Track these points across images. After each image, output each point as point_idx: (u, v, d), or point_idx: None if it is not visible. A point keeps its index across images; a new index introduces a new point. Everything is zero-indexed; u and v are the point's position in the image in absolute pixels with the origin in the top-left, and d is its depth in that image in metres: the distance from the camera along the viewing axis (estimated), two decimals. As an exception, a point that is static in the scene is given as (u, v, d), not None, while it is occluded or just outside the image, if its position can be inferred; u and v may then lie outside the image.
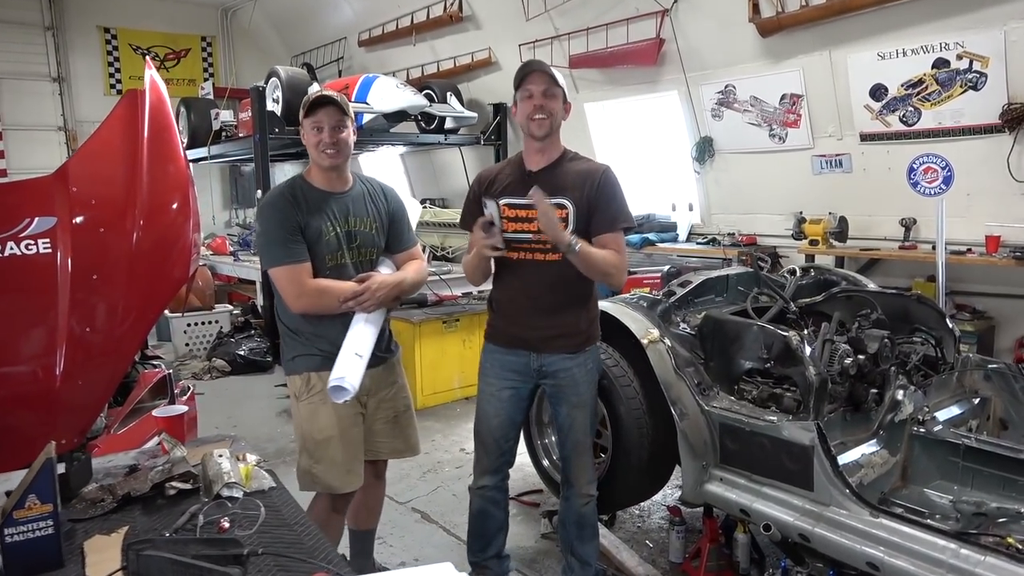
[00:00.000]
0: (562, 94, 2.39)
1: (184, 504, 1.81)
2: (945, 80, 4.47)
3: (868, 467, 2.53)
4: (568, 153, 2.50)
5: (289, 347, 2.45)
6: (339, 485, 2.43)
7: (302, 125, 2.38)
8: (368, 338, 2.34)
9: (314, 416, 2.39)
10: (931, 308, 3.14)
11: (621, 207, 2.44)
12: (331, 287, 2.31)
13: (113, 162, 2.84)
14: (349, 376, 2.20)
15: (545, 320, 2.45)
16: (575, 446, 2.55)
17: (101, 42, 9.38)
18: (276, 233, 2.31)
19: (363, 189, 2.50)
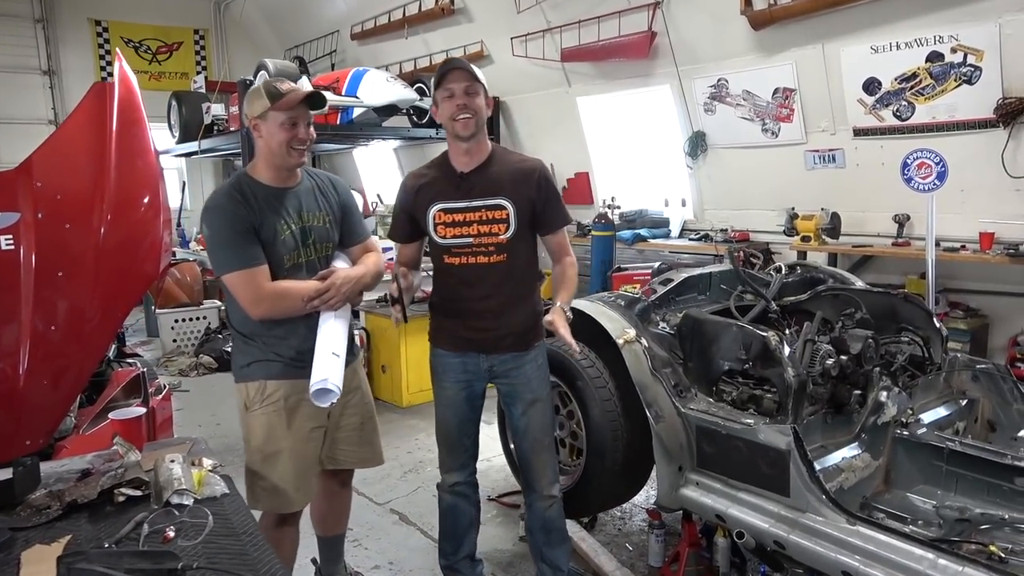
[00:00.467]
0: (483, 90, 2.30)
1: (132, 512, 1.76)
2: (939, 74, 4.39)
3: (849, 471, 2.47)
4: (496, 149, 2.44)
5: (243, 353, 2.30)
6: (283, 505, 2.30)
7: (263, 117, 2.19)
8: (341, 335, 2.24)
9: (267, 428, 2.25)
10: (918, 307, 3.07)
11: (562, 205, 2.47)
12: (292, 288, 2.19)
13: (80, 156, 2.78)
14: (332, 377, 2.10)
15: (493, 321, 2.40)
16: (533, 445, 2.49)
17: (92, 35, 9.32)
18: (227, 236, 2.15)
19: (312, 183, 2.36)
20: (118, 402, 3.18)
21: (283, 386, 2.24)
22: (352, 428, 2.45)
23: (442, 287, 2.49)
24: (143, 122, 2.93)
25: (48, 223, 2.61)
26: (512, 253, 2.37)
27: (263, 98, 2.17)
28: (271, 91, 2.17)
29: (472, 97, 2.26)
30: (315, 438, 2.34)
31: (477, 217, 2.34)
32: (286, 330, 2.24)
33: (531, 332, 2.45)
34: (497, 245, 2.35)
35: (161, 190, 2.91)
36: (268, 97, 2.16)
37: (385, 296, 5.35)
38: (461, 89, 2.25)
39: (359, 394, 2.48)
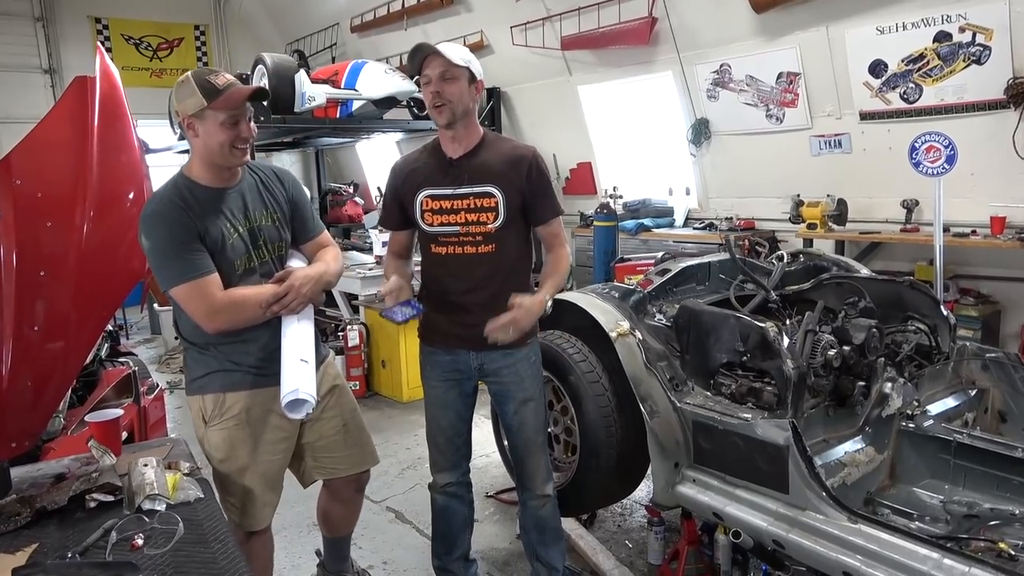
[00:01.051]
0: (467, 74, 2.17)
1: (103, 518, 1.70)
2: (947, 55, 4.27)
3: (852, 466, 2.38)
4: (488, 135, 2.33)
5: (197, 364, 2.12)
6: (249, 523, 2.17)
7: (199, 116, 1.98)
8: (308, 339, 2.09)
9: (228, 443, 2.10)
10: (925, 295, 2.97)
11: (553, 195, 2.37)
12: (248, 295, 2.01)
13: (60, 152, 2.71)
14: (303, 385, 1.95)
15: (482, 316, 2.24)
16: (526, 445, 2.41)
17: (92, 33, 9.28)
18: (169, 246, 1.97)
19: (254, 179, 2.17)
20: (109, 402, 3.14)
21: (243, 398, 2.09)
22: (334, 433, 2.30)
23: (429, 279, 2.40)
24: (126, 117, 2.86)
25: (28, 222, 2.55)
26: (501, 243, 2.27)
27: (196, 94, 1.96)
28: (205, 86, 1.96)
29: (448, 83, 2.14)
30: (282, 450, 2.20)
31: (465, 205, 2.24)
32: (243, 336, 2.07)
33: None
34: (485, 235, 2.25)
35: (146, 186, 2.86)
36: (203, 93, 1.96)
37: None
38: (436, 75, 2.14)
39: (335, 395, 2.32)
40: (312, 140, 8.00)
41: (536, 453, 2.42)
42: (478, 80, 2.22)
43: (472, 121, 2.26)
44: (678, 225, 6.06)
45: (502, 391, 2.39)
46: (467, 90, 2.19)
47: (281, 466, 2.24)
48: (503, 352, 2.31)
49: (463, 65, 2.16)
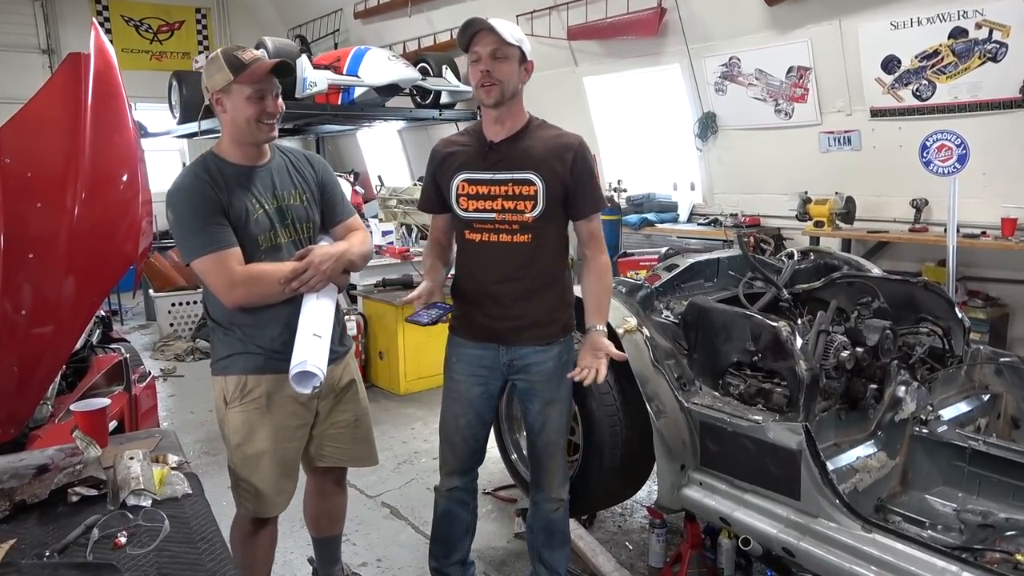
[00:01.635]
0: (518, 53, 2.06)
1: (86, 513, 1.62)
2: (962, 51, 4.18)
3: (864, 472, 2.31)
4: (534, 120, 2.20)
5: (223, 344, 2.12)
6: (264, 509, 2.18)
7: (226, 90, 1.99)
8: (326, 316, 2.07)
9: (247, 426, 2.10)
10: (939, 296, 2.89)
11: (597, 188, 2.22)
12: (267, 271, 2.01)
13: (52, 131, 2.63)
14: (312, 359, 1.92)
15: (514, 308, 2.18)
16: (547, 447, 2.31)
17: (92, 13, 9.14)
18: (193, 219, 1.98)
19: (284, 160, 2.18)
20: (99, 389, 3.06)
21: (265, 381, 2.08)
22: (345, 425, 2.29)
23: (462, 267, 2.30)
24: (121, 96, 2.78)
25: (17, 203, 2.47)
26: (538, 234, 2.15)
27: (224, 69, 1.98)
28: (232, 61, 1.98)
29: (500, 63, 2.03)
30: (299, 437, 2.19)
31: (503, 191, 2.13)
32: (266, 317, 2.07)
33: (555, 325, 2.24)
34: (522, 224, 2.13)
35: (140, 169, 2.77)
36: (230, 68, 1.97)
37: (382, 281, 5.22)
38: (488, 53, 2.03)
39: (353, 389, 2.31)
40: (313, 127, 7.90)
41: (555, 455, 2.32)
42: (528, 61, 2.11)
43: (518, 103, 2.15)
44: (682, 220, 5.98)
45: (528, 389, 2.27)
46: (517, 70, 2.08)
47: (297, 453, 2.22)
48: (534, 348, 2.22)
49: (515, 44, 2.04)
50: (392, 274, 5.34)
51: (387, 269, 5.39)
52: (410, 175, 9.06)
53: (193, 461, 3.64)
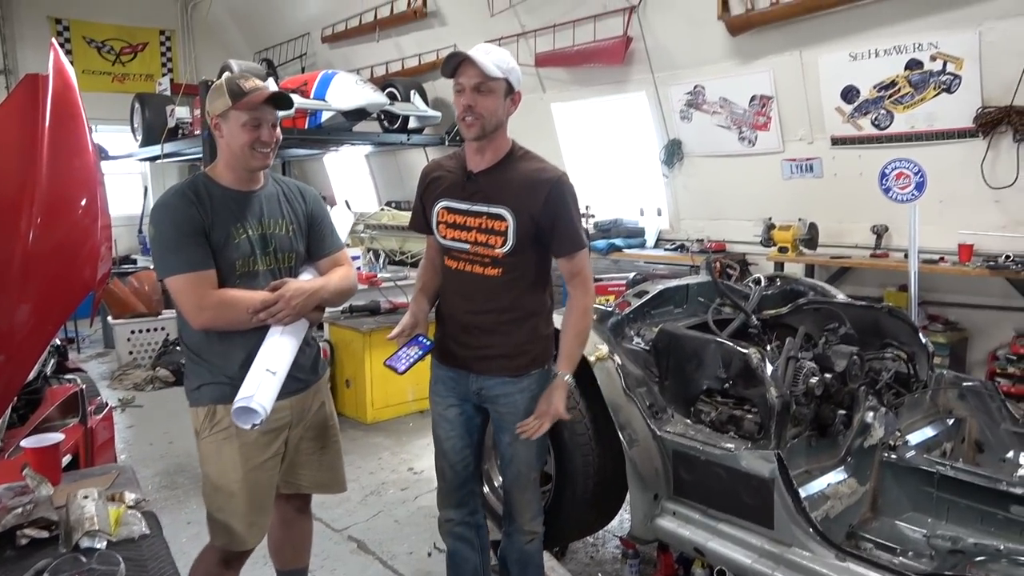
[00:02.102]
0: (504, 86, 2.01)
1: (36, 556, 1.54)
2: (918, 82, 4.31)
3: (835, 498, 2.31)
4: (517, 151, 2.14)
5: (193, 374, 2.11)
6: (236, 543, 2.12)
7: (224, 116, 2.02)
8: (284, 353, 2.04)
9: (218, 456, 2.07)
10: (903, 321, 2.94)
11: (574, 226, 2.13)
12: (238, 297, 2.00)
13: (6, 154, 2.55)
14: (258, 395, 1.90)
15: (482, 339, 2.16)
16: (516, 479, 2.27)
17: (52, 34, 8.98)
18: (172, 237, 1.98)
19: (277, 189, 2.19)
20: (53, 422, 2.95)
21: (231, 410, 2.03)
22: (313, 452, 2.26)
23: (442, 290, 2.29)
24: (81, 118, 2.71)
25: (-33, 227, 2.38)
26: (509, 269, 2.11)
27: (224, 96, 2.01)
28: (233, 89, 2.01)
29: (483, 96, 1.99)
30: (270, 467, 2.15)
31: (477, 224, 2.11)
32: (234, 345, 2.05)
33: (525, 357, 2.18)
34: (492, 258, 2.10)
35: (100, 193, 2.70)
36: (230, 95, 2.00)
37: (348, 307, 5.14)
38: (471, 86, 1.99)
39: (322, 415, 2.28)
40: (279, 151, 7.82)
41: (526, 488, 2.27)
42: (516, 91, 2.07)
43: (501, 135, 2.10)
44: (649, 246, 6.03)
45: (499, 420, 2.23)
46: (502, 103, 2.03)
47: (271, 485, 2.17)
48: (502, 380, 2.17)
49: (501, 77, 1.99)
50: (359, 300, 5.27)
51: (354, 295, 5.31)
52: (377, 200, 9.02)
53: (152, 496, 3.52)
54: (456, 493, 2.32)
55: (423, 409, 5.03)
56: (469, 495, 2.34)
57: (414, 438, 4.59)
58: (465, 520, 2.35)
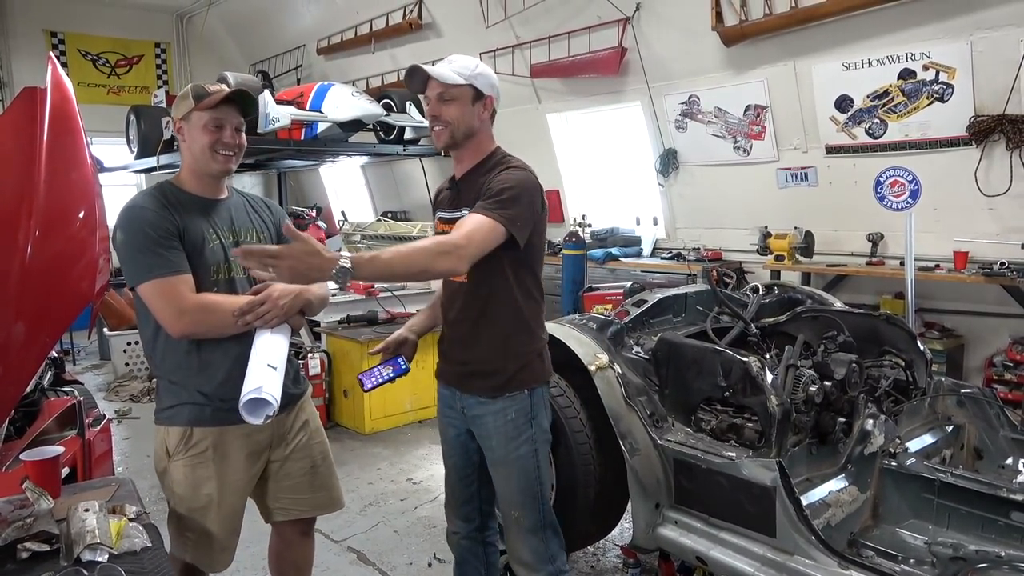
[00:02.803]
0: (470, 92, 1.97)
1: (37, 570, 1.53)
2: (911, 91, 4.35)
3: (836, 506, 2.31)
4: (496, 155, 2.07)
5: (168, 393, 2.02)
6: (207, 564, 2.08)
7: (187, 118, 1.98)
8: (281, 350, 1.94)
9: (191, 480, 1.99)
10: (901, 329, 2.95)
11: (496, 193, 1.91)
12: (220, 301, 1.92)
13: (4, 168, 2.54)
14: (266, 387, 1.80)
15: (460, 352, 2.09)
16: (503, 515, 2.16)
17: (48, 47, 8.98)
18: (144, 240, 1.88)
19: (242, 200, 2.16)
20: (51, 434, 2.93)
21: (211, 433, 1.99)
22: (302, 474, 2.18)
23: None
24: (79, 131, 2.70)
25: (-35, 240, 2.38)
26: (475, 273, 1.95)
27: (188, 98, 2.00)
28: (197, 92, 2.00)
29: (447, 105, 1.97)
30: (242, 489, 2.09)
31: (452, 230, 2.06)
32: (213, 359, 1.96)
33: (498, 376, 2.04)
34: None
35: (98, 205, 2.69)
36: (194, 98, 1.99)
37: (346, 318, 5.14)
38: (435, 96, 1.98)
39: (307, 434, 2.19)
40: (275, 162, 7.83)
41: (510, 529, 2.12)
42: (486, 96, 2.01)
43: (478, 141, 2.05)
44: (646, 255, 6.05)
45: (482, 445, 2.13)
46: (470, 109, 1.99)
47: (242, 507, 2.11)
48: (477, 400, 2.08)
49: (463, 83, 1.97)
50: (356, 311, 5.27)
51: (352, 305, 5.32)
52: (373, 211, 9.03)
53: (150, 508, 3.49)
54: (461, 508, 2.28)
55: (421, 419, 5.03)
56: (475, 512, 2.27)
57: (412, 448, 4.58)
58: (471, 535, 2.29)
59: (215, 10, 8.97)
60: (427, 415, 5.03)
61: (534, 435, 2.08)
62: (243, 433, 2.01)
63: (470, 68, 1.99)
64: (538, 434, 2.09)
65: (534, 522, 2.11)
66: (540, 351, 2.12)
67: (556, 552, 2.16)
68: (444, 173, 7.50)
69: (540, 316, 2.13)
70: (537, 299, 2.12)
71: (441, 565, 3.12)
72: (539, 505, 2.11)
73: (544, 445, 2.12)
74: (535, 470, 2.09)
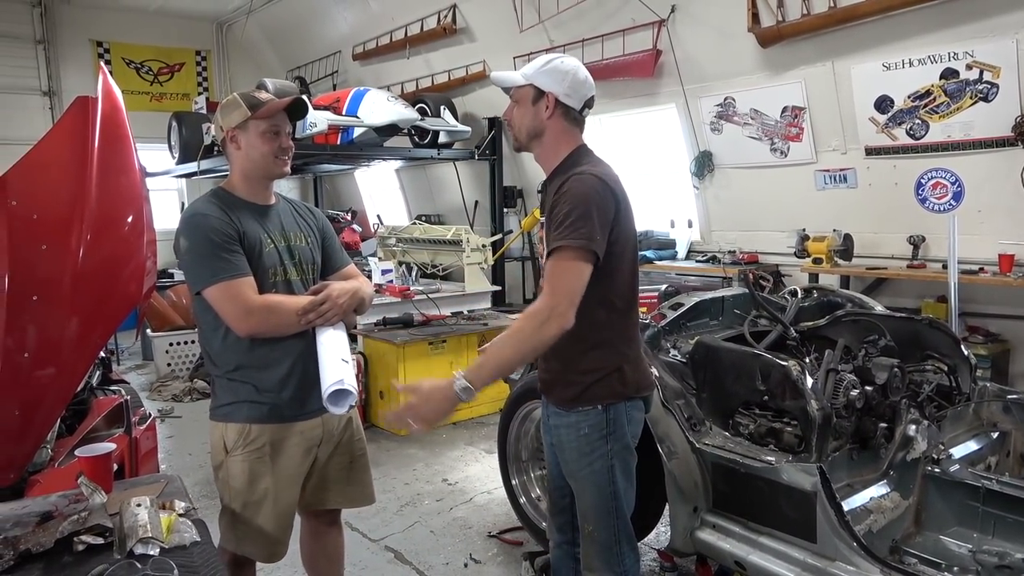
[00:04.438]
0: (530, 92, 1.95)
1: (92, 562, 1.59)
2: (954, 91, 4.26)
3: (878, 512, 2.28)
4: (575, 155, 2.01)
5: (225, 391, 2.12)
6: (265, 556, 2.17)
7: (243, 127, 2.06)
8: (345, 343, 2.08)
9: (249, 474, 2.09)
10: (944, 333, 2.90)
11: (558, 217, 1.86)
12: (284, 301, 2.04)
13: (59, 173, 2.64)
14: (347, 379, 1.93)
15: (543, 363, 2.07)
16: (580, 525, 2.10)
17: (94, 56, 9.26)
18: (207, 245, 1.98)
19: (288, 205, 2.27)
20: (99, 432, 3.01)
21: (268, 431, 2.09)
22: (341, 468, 2.29)
23: None
24: (127, 138, 2.79)
25: (23, 245, 2.46)
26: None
27: (241, 107, 2.07)
28: (249, 100, 2.08)
29: (513, 107, 2.00)
30: (296, 483, 2.19)
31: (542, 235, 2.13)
32: (273, 359, 2.07)
33: (573, 388, 1.98)
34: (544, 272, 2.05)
35: (145, 209, 2.77)
36: (247, 106, 2.06)
37: (382, 320, 5.20)
38: (511, 97, 2.02)
39: (350, 430, 2.30)
40: (311, 167, 7.96)
41: (584, 540, 2.08)
42: (546, 93, 1.94)
43: (550, 141, 1.99)
44: (680, 257, 6.01)
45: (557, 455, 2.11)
46: (530, 109, 1.96)
47: (295, 501, 2.21)
48: (554, 411, 2.04)
49: (523, 83, 1.96)
50: (392, 313, 5.33)
51: (387, 308, 5.38)
52: (408, 214, 9.12)
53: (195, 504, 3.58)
54: (556, 518, 2.27)
55: (456, 421, 5.06)
56: (567, 525, 2.22)
57: (447, 450, 4.62)
58: (562, 546, 2.26)
59: (254, 18, 9.14)
60: (461, 417, 5.06)
61: (610, 451, 1.99)
62: (299, 431, 2.11)
63: (536, 67, 1.96)
64: (616, 450, 2.00)
65: (607, 538, 2.05)
66: (619, 366, 1.99)
67: (629, 567, 2.09)
68: (478, 176, 7.59)
69: (623, 328, 2.02)
70: (620, 309, 2.00)
71: (477, 566, 3.15)
72: (613, 521, 2.04)
73: (623, 462, 2.02)
74: (609, 486, 2.01)
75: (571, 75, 1.96)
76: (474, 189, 7.75)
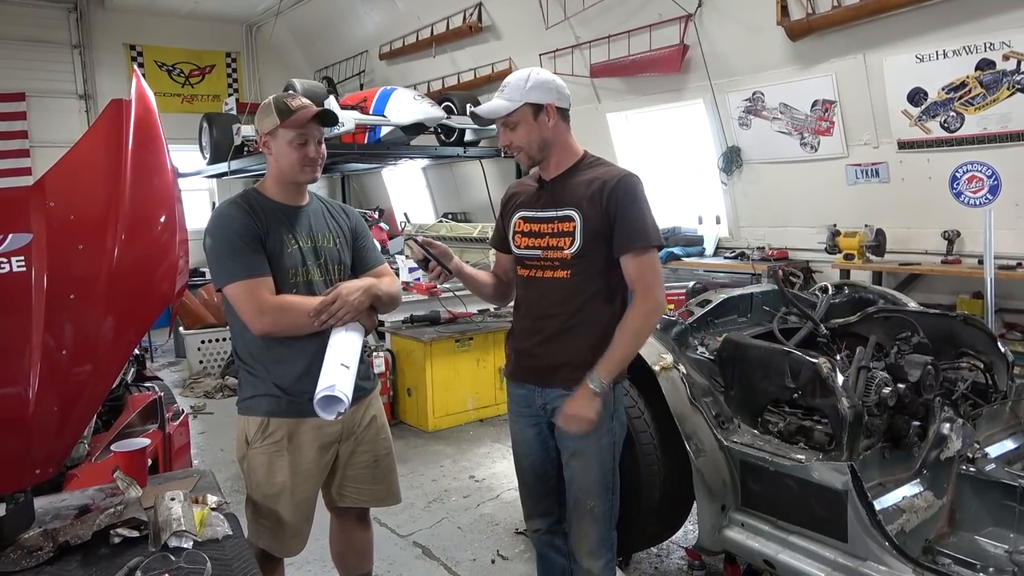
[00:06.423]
0: (526, 112, 2.06)
1: (128, 555, 1.62)
2: (990, 83, 4.17)
3: (910, 512, 2.25)
4: (588, 158, 2.18)
5: (247, 384, 2.17)
6: (280, 549, 2.20)
7: (273, 134, 2.10)
8: (353, 347, 2.08)
9: (267, 467, 2.13)
10: (980, 330, 2.84)
11: (636, 223, 2.04)
12: (297, 302, 2.06)
13: (94, 175, 2.68)
14: (339, 385, 1.94)
15: (547, 347, 2.14)
16: (573, 505, 2.18)
17: (127, 59, 9.45)
18: (230, 245, 2.05)
19: (321, 206, 2.29)
20: (134, 427, 3.08)
21: (286, 424, 2.12)
22: (365, 465, 2.29)
23: (515, 303, 2.31)
24: (160, 140, 2.83)
25: (61, 244, 2.52)
26: (577, 271, 2.09)
27: (272, 114, 2.10)
28: (280, 107, 2.10)
29: (513, 132, 2.09)
30: (319, 479, 2.22)
31: (549, 229, 2.14)
32: (290, 354, 2.10)
33: (586, 370, 2.07)
34: (562, 260, 2.10)
35: (178, 209, 2.82)
36: (277, 113, 2.09)
37: (409, 318, 5.23)
38: (500, 126, 2.12)
39: (374, 428, 2.31)
40: (339, 166, 8.03)
41: (582, 518, 2.17)
42: (545, 105, 2.06)
43: (559, 148, 2.13)
44: (708, 254, 5.96)
45: (559, 436, 2.19)
46: (534, 125, 2.07)
47: (314, 495, 2.24)
48: (562, 393, 2.11)
49: (516, 106, 2.06)
50: (420, 311, 5.36)
51: (415, 306, 5.41)
52: (434, 212, 9.16)
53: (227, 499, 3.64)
54: (540, 504, 2.32)
55: (482, 418, 5.08)
56: (554, 504, 2.31)
57: (474, 446, 4.64)
58: (552, 528, 2.34)
59: (282, 19, 9.25)
60: (488, 414, 5.09)
61: (614, 428, 2.16)
62: (315, 425, 2.13)
63: (520, 88, 2.06)
64: (617, 428, 2.18)
65: (604, 511, 2.19)
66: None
67: (613, 542, 2.25)
68: (504, 174, 7.59)
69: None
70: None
71: (504, 562, 3.16)
72: (611, 496, 2.20)
73: (620, 440, 2.21)
74: (611, 461, 2.18)
75: (554, 82, 2.12)
76: (500, 187, 7.73)
